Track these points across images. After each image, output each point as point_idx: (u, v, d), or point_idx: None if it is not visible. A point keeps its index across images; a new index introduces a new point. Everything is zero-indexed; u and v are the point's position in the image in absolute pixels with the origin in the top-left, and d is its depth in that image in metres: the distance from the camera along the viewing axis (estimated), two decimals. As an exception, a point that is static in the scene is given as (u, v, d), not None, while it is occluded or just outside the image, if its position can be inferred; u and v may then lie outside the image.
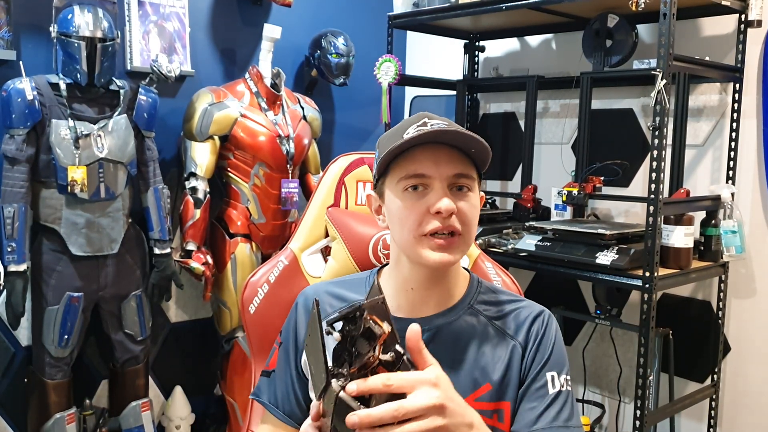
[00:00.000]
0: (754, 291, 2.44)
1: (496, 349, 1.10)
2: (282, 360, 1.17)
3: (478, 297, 1.15)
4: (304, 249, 1.50)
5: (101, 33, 2.26)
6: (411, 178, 1.05)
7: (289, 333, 1.18)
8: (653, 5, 2.08)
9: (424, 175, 1.04)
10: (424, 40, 3.34)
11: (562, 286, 2.92)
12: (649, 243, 2.10)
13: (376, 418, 0.75)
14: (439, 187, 1.04)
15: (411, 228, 1.05)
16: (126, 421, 2.52)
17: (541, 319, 1.12)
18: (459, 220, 1.05)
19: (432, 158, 1.04)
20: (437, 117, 1.09)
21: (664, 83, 2.02)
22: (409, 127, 1.06)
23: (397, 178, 1.07)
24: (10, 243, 2.23)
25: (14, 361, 2.50)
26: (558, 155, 2.88)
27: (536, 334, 1.11)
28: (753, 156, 2.42)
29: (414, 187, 1.05)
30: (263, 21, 2.89)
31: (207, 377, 2.97)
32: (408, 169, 1.05)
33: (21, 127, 2.23)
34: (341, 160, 1.55)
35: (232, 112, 2.62)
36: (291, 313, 1.21)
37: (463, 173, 1.06)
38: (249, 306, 1.46)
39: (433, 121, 1.07)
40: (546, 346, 1.10)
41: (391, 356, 0.79)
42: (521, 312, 1.14)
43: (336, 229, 1.47)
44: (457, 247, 1.06)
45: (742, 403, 2.49)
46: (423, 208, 1.04)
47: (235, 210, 2.70)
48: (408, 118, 1.11)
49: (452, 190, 1.06)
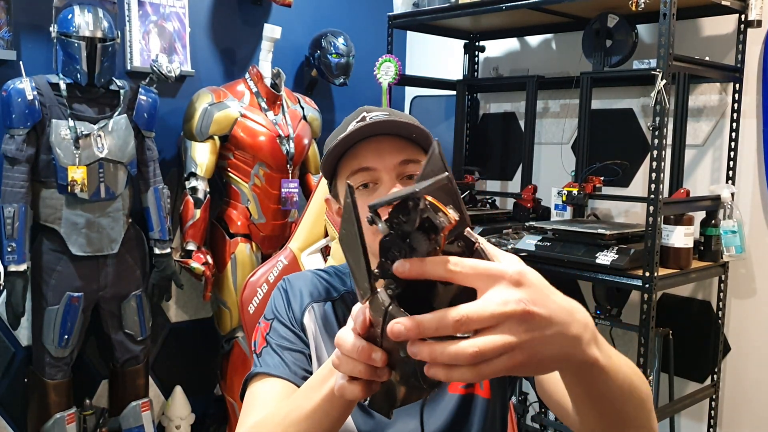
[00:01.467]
0: (754, 291, 2.44)
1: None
2: (274, 333, 1.10)
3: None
4: (304, 249, 1.50)
5: (101, 33, 2.26)
6: (357, 173, 1.03)
7: (276, 310, 1.12)
8: (653, 5, 2.07)
9: (370, 168, 1.03)
10: (424, 40, 3.34)
11: (562, 286, 2.89)
12: (649, 243, 2.10)
13: (431, 326, 0.54)
14: (387, 179, 1.02)
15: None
16: (126, 421, 2.52)
17: None
18: None
19: (374, 151, 1.02)
20: (376, 108, 1.08)
21: (664, 83, 2.02)
22: (348, 125, 1.05)
23: (344, 177, 1.05)
24: (10, 243, 2.23)
25: (14, 361, 2.50)
26: (558, 155, 2.87)
27: None
28: (753, 156, 2.42)
29: (364, 185, 1.03)
30: (263, 21, 2.89)
31: (207, 377, 2.96)
32: (353, 166, 1.03)
33: (21, 127, 2.23)
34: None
35: (232, 112, 2.62)
36: (273, 295, 1.15)
37: (409, 159, 1.04)
38: (248, 306, 1.46)
39: (372, 114, 1.05)
40: None
41: (460, 246, 0.59)
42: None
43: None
44: None
45: (742, 403, 2.49)
46: None
47: (235, 210, 2.70)
48: (348, 116, 1.09)
49: (402, 179, 1.03)
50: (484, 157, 3.25)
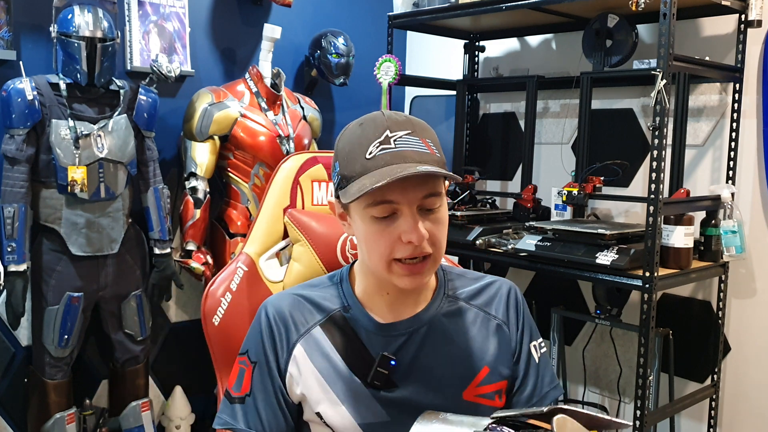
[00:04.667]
0: (754, 291, 2.44)
1: (483, 330, 1.13)
2: (258, 382, 1.09)
3: (449, 284, 1.17)
4: (261, 253, 1.42)
5: (101, 33, 2.26)
6: (379, 205, 1.00)
7: (260, 352, 1.10)
8: (653, 5, 2.07)
9: (393, 202, 1.00)
10: (424, 40, 3.34)
11: (562, 286, 2.92)
12: (649, 243, 2.10)
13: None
14: (408, 213, 1.00)
15: (381, 254, 1.03)
16: (126, 421, 2.52)
17: (513, 295, 1.17)
18: (429, 242, 1.02)
19: (400, 185, 0.98)
20: (398, 122, 1.02)
21: (664, 83, 2.02)
22: (370, 144, 1.00)
23: (363, 203, 1.01)
24: (10, 243, 2.23)
25: (14, 361, 2.50)
26: (558, 155, 2.88)
27: (515, 310, 1.16)
28: (753, 156, 2.42)
29: (384, 216, 1.01)
30: (263, 21, 2.89)
31: (207, 377, 2.95)
32: (375, 196, 0.99)
33: (21, 127, 2.23)
34: (293, 159, 1.47)
35: (232, 112, 2.62)
36: (254, 327, 1.13)
37: (431, 193, 1.02)
38: (212, 318, 1.38)
39: (396, 134, 1.01)
40: (526, 319, 1.17)
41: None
42: (493, 289, 1.17)
43: (300, 232, 1.40)
44: (428, 270, 1.05)
45: (742, 403, 2.49)
46: (393, 236, 1.01)
47: (235, 210, 2.70)
48: (368, 129, 1.02)
49: (422, 211, 1.02)
50: (484, 157, 3.25)
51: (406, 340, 1.09)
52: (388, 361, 1.06)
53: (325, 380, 1.08)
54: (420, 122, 1.05)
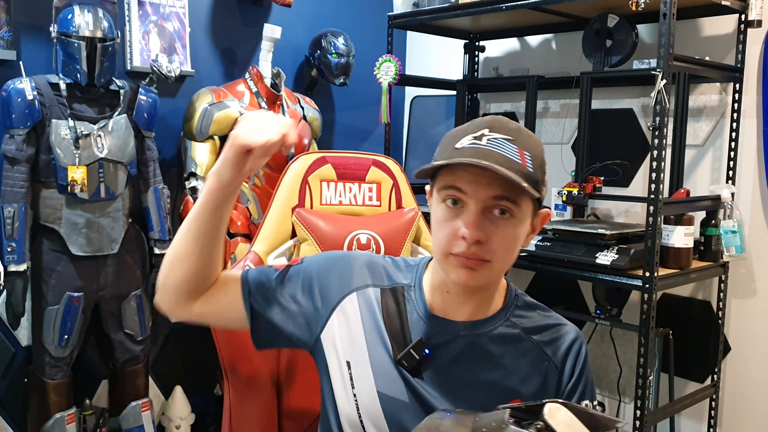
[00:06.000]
0: (754, 291, 2.44)
1: (531, 365, 1.09)
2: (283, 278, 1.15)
3: (515, 310, 1.13)
4: (270, 252, 1.42)
5: (101, 33, 2.26)
6: (449, 189, 1.00)
7: (321, 271, 1.15)
8: (653, 5, 2.07)
9: (461, 190, 0.99)
10: (424, 40, 3.34)
11: (562, 286, 2.92)
12: (649, 243, 2.10)
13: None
14: (472, 210, 0.99)
15: (440, 244, 1.03)
16: (126, 421, 2.52)
17: (578, 345, 1.12)
18: (487, 250, 0.99)
19: (473, 177, 0.98)
20: (502, 126, 1.02)
21: (664, 83, 2.02)
22: (464, 136, 1.02)
23: (439, 185, 1.03)
24: (10, 243, 2.23)
25: (14, 361, 2.50)
26: (558, 155, 2.87)
27: (575, 364, 1.10)
28: (753, 156, 2.42)
29: (453, 201, 1.01)
30: (263, 21, 2.89)
31: (207, 377, 2.96)
32: (447, 180, 1.00)
33: (21, 127, 2.23)
34: (302, 159, 1.48)
35: (232, 111, 2.62)
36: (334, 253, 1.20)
37: (504, 196, 0.98)
38: None
39: (493, 135, 1.00)
40: (585, 378, 1.11)
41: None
42: (558, 332, 1.12)
43: (307, 231, 1.41)
44: (482, 273, 1.02)
45: (742, 403, 2.49)
46: (453, 228, 1.00)
47: (235, 210, 2.70)
48: (474, 122, 1.05)
49: (490, 213, 0.99)
50: (484, 157, 3.24)
51: (448, 341, 1.08)
52: (423, 348, 1.07)
53: (365, 336, 1.10)
54: (531, 136, 1.04)
